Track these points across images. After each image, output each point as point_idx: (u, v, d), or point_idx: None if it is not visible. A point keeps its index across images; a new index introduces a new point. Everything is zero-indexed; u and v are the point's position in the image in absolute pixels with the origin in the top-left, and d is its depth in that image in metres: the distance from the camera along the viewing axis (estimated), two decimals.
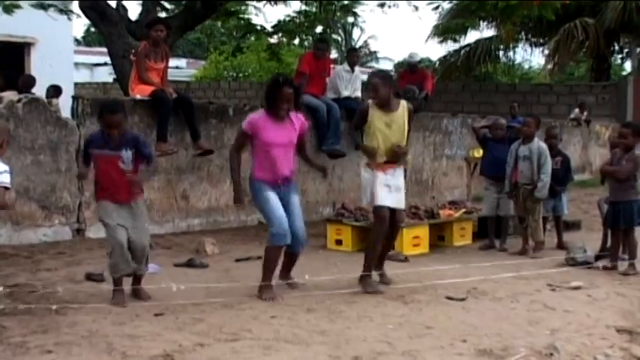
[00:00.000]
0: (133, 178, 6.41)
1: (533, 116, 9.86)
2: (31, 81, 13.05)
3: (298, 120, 6.91)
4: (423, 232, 9.50)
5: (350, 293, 6.79)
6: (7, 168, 5.81)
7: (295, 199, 6.93)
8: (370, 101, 7.20)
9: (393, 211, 7.19)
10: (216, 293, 6.65)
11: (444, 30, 25.27)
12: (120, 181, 6.38)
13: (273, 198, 6.75)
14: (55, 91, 13.72)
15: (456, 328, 5.79)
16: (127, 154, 6.39)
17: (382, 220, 7.15)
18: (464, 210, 10.43)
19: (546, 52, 25.16)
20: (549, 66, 23.77)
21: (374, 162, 7.17)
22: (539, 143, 9.33)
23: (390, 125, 7.11)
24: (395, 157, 7.15)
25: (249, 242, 9.58)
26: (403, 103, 7.25)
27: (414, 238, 9.34)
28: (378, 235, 7.22)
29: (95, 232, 9.26)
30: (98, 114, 6.56)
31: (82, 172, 6.85)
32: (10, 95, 9.50)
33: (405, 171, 7.41)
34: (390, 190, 7.13)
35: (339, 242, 9.54)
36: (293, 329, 5.65)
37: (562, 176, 9.86)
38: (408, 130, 7.30)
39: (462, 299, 6.71)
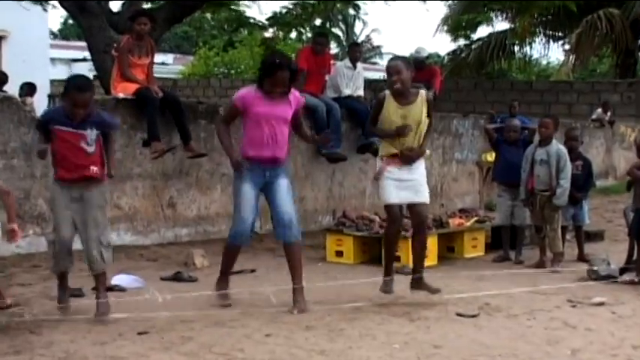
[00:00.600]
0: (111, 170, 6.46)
1: (551, 116, 9.88)
2: (2, 78, 13.05)
3: (293, 96, 6.95)
4: (431, 242, 9.46)
5: (352, 309, 6.79)
6: None
7: (283, 183, 6.95)
8: (386, 92, 7.16)
9: (412, 207, 7.21)
10: (206, 309, 6.65)
11: (455, 27, 25.29)
12: (79, 161, 6.28)
13: (247, 192, 6.83)
14: (29, 88, 13.74)
15: (467, 347, 5.79)
16: (92, 134, 6.29)
17: (390, 220, 7.24)
18: (476, 219, 10.44)
19: (567, 46, 25.19)
20: (570, 61, 23.75)
21: (389, 157, 7.14)
22: (557, 146, 9.34)
23: (405, 118, 7.07)
24: (408, 160, 7.15)
25: (242, 254, 9.48)
26: (422, 93, 7.20)
27: None
28: (388, 236, 7.35)
29: (73, 243, 9.24)
30: (64, 89, 6.37)
31: (42, 149, 6.43)
32: None
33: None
34: (401, 184, 7.11)
35: (339, 254, 9.55)
36: (290, 349, 5.66)
37: (583, 182, 9.87)
38: (429, 123, 7.30)
39: (474, 316, 6.71)
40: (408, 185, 7.14)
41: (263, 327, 6.21)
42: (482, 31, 27.58)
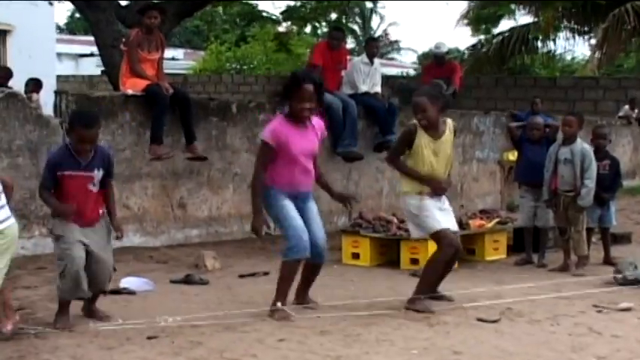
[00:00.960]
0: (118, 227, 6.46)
1: (575, 114, 9.83)
2: (7, 73, 13.10)
3: (319, 124, 6.96)
4: None
5: (368, 314, 6.79)
6: None
7: (313, 207, 6.95)
8: (415, 122, 7.10)
9: None
10: (217, 313, 6.66)
11: (475, 19, 25.22)
12: (87, 203, 6.27)
13: (290, 206, 6.75)
14: (35, 85, 13.78)
15: (488, 353, 5.78)
16: (98, 175, 6.30)
17: (451, 244, 7.07)
18: (497, 220, 10.41)
19: (592, 41, 25.05)
20: (596, 57, 23.63)
21: (422, 191, 7.08)
22: (582, 144, 9.30)
23: (437, 153, 7.08)
24: (440, 192, 7.13)
25: (255, 256, 9.59)
26: (449, 123, 7.20)
27: None
28: (440, 264, 7.15)
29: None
30: (70, 125, 6.33)
31: (66, 210, 6.26)
32: None
33: None
34: (441, 212, 7.10)
35: (355, 256, 9.54)
36: (304, 354, 5.65)
37: (610, 182, 9.82)
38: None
39: (495, 321, 6.69)
40: (447, 214, 7.16)
41: (276, 331, 6.21)
42: (504, 25, 27.46)
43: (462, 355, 5.73)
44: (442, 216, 7.08)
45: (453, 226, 7.21)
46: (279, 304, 6.66)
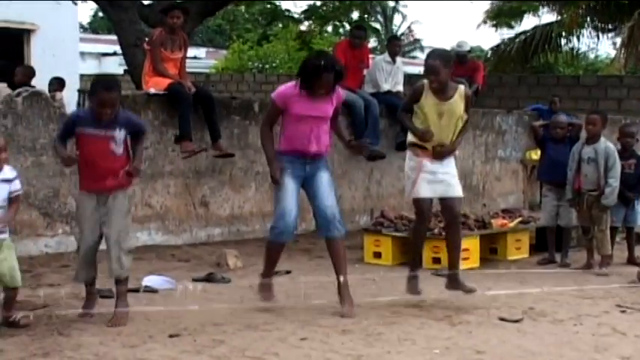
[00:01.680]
0: (132, 169, 6.41)
1: (598, 112, 9.78)
2: (30, 72, 13.16)
3: (336, 93, 6.96)
4: (473, 244, 9.46)
5: (390, 313, 6.79)
6: (16, 174, 6.19)
7: (325, 176, 6.95)
8: (425, 81, 7.13)
9: (444, 202, 7.21)
10: (240, 312, 6.67)
11: (498, 13, 25.11)
12: (109, 166, 6.33)
13: (289, 184, 6.81)
14: (58, 84, 13.85)
15: (510, 353, 5.77)
16: (120, 135, 6.33)
17: (418, 215, 7.28)
18: (519, 219, 10.38)
19: (617, 39, 24.88)
20: (622, 57, 23.45)
21: (420, 149, 7.15)
22: (606, 143, 9.25)
23: (442, 115, 7.08)
24: (439, 156, 7.14)
25: None
26: (460, 89, 7.18)
27: (462, 251, 9.25)
28: (415, 232, 7.42)
29: (103, 242, 9.31)
30: (90, 90, 6.40)
31: (70, 157, 6.39)
32: (4, 89, 9.57)
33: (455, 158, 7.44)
34: (434, 177, 7.11)
35: (377, 255, 9.53)
36: (325, 353, 5.66)
37: (635, 181, 9.75)
38: (466, 120, 7.30)
39: (518, 321, 6.68)
40: (440, 179, 7.14)
41: (298, 330, 6.22)
42: (527, 24, 27.38)
43: (484, 354, 5.72)
44: (426, 183, 7.09)
45: (436, 192, 7.17)
46: (261, 279, 7.01)
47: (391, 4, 42.27)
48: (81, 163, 6.37)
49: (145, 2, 14.59)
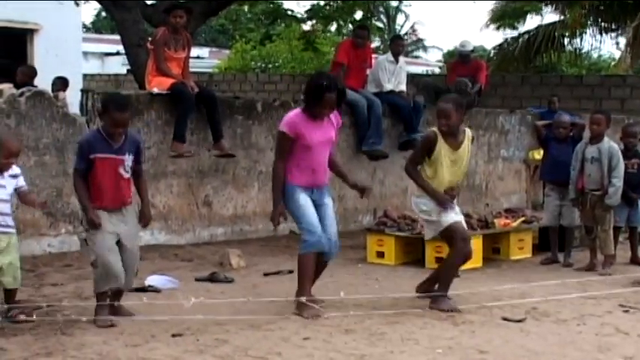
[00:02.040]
0: (147, 214, 6.56)
1: (602, 112, 9.77)
2: (31, 72, 13.16)
3: (335, 116, 7.02)
4: (475, 243, 9.41)
5: (393, 313, 6.78)
6: (19, 171, 6.41)
7: (329, 204, 7.02)
8: (435, 129, 7.13)
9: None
10: (242, 311, 6.67)
11: (501, 15, 25.08)
12: (118, 188, 6.37)
13: (307, 201, 6.85)
14: (62, 83, 13.85)
15: (513, 353, 5.76)
16: (129, 159, 6.40)
17: (463, 237, 7.13)
18: (522, 219, 10.37)
19: (620, 39, 24.86)
20: (627, 57, 23.39)
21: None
22: (610, 143, 9.24)
23: (455, 163, 7.13)
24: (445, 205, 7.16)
25: (279, 254, 9.60)
26: (468, 133, 7.23)
27: None
28: (459, 255, 7.17)
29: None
30: (103, 109, 6.39)
31: (93, 219, 6.31)
32: (8, 89, 9.57)
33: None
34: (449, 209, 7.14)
35: (380, 255, 9.53)
36: (329, 353, 5.66)
37: (638, 181, 9.75)
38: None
39: (521, 320, 6.68)
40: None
41: (301, 330, 6.22)
42: (531, 23, 27.35)
43: (487, 354, 5.71)
44: (451, 211, 7.12)
45: (463, 222, 7.27)
46: (303, 299, 6.68)
47: (394, 3, 42.22)
48: (94, 185, 6.36)
49: (148, 2, 14.59)
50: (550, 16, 26.16)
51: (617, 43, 25.61)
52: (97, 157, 6.28)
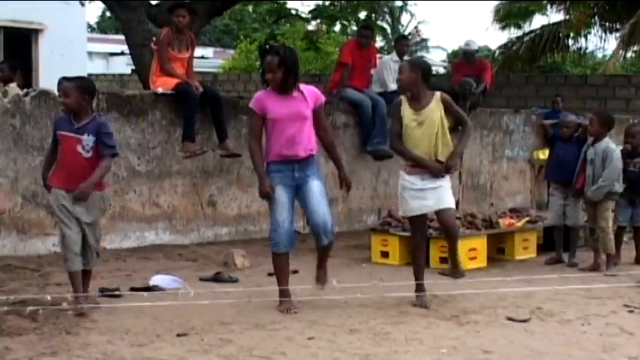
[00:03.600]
0: (82, 188, 6.61)
1: (599, 113, 9.76)
2: (13, 67, 13.11)
3: (311, 92, 7.02)
4: (480, 243, 9.45)
5: (398, 313, 6.79)
6: None
7: (314, 185, 6.98)
8: (402, 97, 7.23)
9: (438, 215, 7.27)
10: (247, 311, 6.68)
11: (506, 15, 25.06)
12: (76, 166, 6.64)
13: (280, 196, 6.91)
14: None
15: (518, 353, 5.76)
16: (89, 139, 6.62)
17: (414, 232, 7.40)
18: (527, 219, 10.36)
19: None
20: (621, 54, 23.32)
21: (411, 166, 7.23)
22: (607, 144, 9.23)
23: (421, 125, 7.13)
24: (438, 173, 7.19)
25: None
26: (436, 95, 7.21)
27: (470, 251, 9.29)
28: (415, 246, 7.45)
29: (111, 242, 9.35)
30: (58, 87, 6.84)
31: (46, 182, 6.92)
32: (12, 89, 9.57)
33: (460, 175, 7.44)
34: (424, 193, 7.15)
35: (385, 254, 9.52)
36: (333, 353, 5.66)
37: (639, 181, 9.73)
38: (463, 123, 7.39)
39: (525, 320, 6.68)
40: (431, 194, 7.17)
41: (305, 330, 6.22)
42: (535, 23, 27.30)
43: (491, 354, 5.71)
44: (412, 199, 7.18)
45: (423, 208, 7.22)
46: (281, 299, 6.90)
47: (399, 3, 42.17)
48: (58, 161, 6.77)
49: (153, 2, 14.60)
50: (555, 15, 26.14)
51: (618, 41, 25.52)
52: (59, 134, 6.70)
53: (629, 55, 23.67)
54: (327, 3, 17.93)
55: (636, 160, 9.62)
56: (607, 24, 25.80)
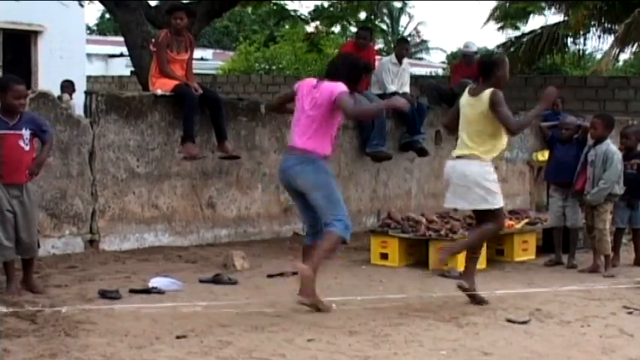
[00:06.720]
0: (35, 165, 7.22)
1: (601, 115, 9.76)
2: None
3: (325, 86, 7.10)
4: None
5: (397, 315, 6.78)
6: None
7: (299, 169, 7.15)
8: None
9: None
10: (246, 313, 6.67)
11: (503, 15, 25.06)
12: (20, 161, 7.10)
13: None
14: (70, 86, 13.86)
15: (517, 355, 5.76)
16: (27, 133, 7.12)
17: (501, 221, 7.65)
18: (526, 220, 10.36)
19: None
20: (614, 54, 23.26)
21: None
22: (608, 146, 9.23)
23: (464, 113, 7.69)
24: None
25: (283, 256, 9.59)
26: (486, 92, 7.83)
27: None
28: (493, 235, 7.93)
29: (110, 243, 9.35)
30: (1, 89, 7.05)
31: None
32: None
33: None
34: (453, 186, 7.43)
35: (384, 256, 9.51)
36: (332, 355, 5.66)
37: (637, 182, 9.73)
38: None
39: (525, 322, 6.67)
40: (455, 188, 7.54)
41: (305, 332, 6.22)
42: (534, 24, 27.32)
43: (491, 356, 5.71)
44: (448, 193, 7.54)
45: (452, 203, 7.61)
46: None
47: (398, 4, 42.22)
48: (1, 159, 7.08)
49: (152, 3, 14.61)
50: (553, 17, 26.15)
51: (613, 41, 25.50)
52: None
53: (626, 56, 23.63)
54: (327, 4, 17.94)
55: (633, 161, 9.63)
56: (606, 25, 25.78)
